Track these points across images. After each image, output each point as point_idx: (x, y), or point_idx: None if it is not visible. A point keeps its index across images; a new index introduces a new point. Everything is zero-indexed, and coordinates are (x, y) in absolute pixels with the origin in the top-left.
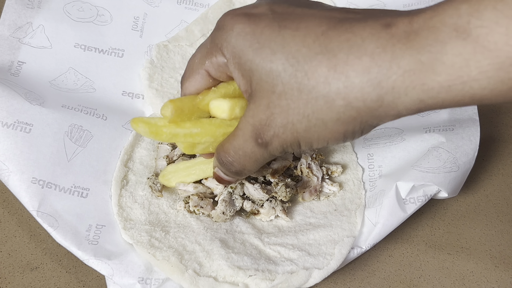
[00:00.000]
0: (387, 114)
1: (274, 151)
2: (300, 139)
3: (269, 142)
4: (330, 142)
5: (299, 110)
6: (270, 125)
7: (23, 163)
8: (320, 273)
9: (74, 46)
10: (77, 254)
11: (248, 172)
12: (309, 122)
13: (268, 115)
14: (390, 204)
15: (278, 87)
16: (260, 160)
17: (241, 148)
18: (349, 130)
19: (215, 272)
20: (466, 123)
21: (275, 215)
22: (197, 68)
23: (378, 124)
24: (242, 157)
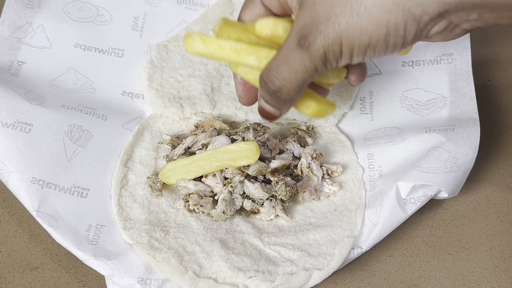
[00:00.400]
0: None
1: (316, 55)
2: (342, 35)
3: (311, 42)
4: (372, 41)
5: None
6: (314, 23)
7: (23, 163)
8: (320, 274)
9: (74, 46)
10: (76, 254)
11: (287, 91)
12: (352, 11)
13: (313, 12)
14: (390, 204)
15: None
16: (300, 70)
17: (283, 58)
18: (392, 21)
19: (215, 273)
20: (466, 123)
21: (275, 214)
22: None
23: (422, 18)
24: (283, 69)
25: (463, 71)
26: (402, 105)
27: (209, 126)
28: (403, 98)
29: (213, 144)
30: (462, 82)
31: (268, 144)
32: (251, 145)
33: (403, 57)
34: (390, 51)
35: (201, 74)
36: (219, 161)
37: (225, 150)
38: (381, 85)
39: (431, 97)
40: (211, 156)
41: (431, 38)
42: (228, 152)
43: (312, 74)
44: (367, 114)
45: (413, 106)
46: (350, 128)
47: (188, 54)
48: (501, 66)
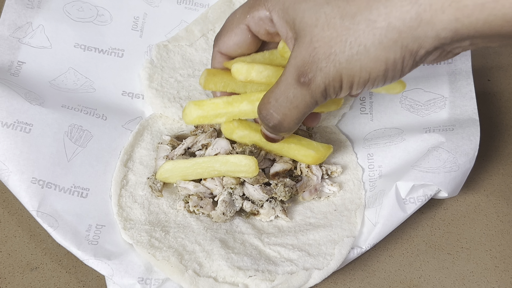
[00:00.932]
0: (426, 35)
1: (317, 91)
2: (342, 71)
3: (312, 79)
4: (372, 76)
5: (342, 37)
6: (313, 61)
7: (23, 163)
8: (320, 274)
9: (74, 46)
10: (77, 254)
11: (288, 125)
12: (351, 50)
13: (311, 50)
14: (390, 204)
15: (321, 19)
16: (301, 106)
17: (282, 94)
18: (391, 57)
19: (215, 272)
20: (466, 123)
21: (275, 216)
22: (237, 23)
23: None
24: (283, 104)
25: (462, 71)
26: (402, 105)
27: (209, 126)
28: (403, 98)
29: (213, 146)
30: (462, 82)
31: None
32: (250, 160)
33: None
34: (388, 82)
35: (200, 74)
36: (217, 171)
37: (223, 160)
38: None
39: (431, 97)
40: (209, 164)
41: (424, 63)
42: (226, 163)
43: (312, 107)
44: (367, 114)
45: (413, 106)
46: (350, 128)
47: (188, 54)
48: (501, 66)
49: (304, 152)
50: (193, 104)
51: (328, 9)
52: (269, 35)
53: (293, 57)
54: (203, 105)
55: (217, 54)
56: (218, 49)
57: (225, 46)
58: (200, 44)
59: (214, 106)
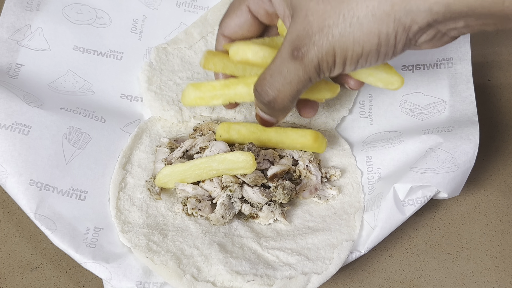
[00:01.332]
0: (419, 9)
1: (310, 65)
2: (335, 45)
3: (305, 53)
4: (365, 51)
5: (336, 10)
6: (307, 34)
7: (21, 165)
8: (318, 278)
9: (73, 48)
10: (74, 257)
11: (282, 101)
12: (345, 22)
13: (305, 24)
14: (388, 207)
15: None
16: (295, 81)
17: (276, 69)
18: (383, 31)
19: (213, 277)
20: (465, 124)
21: (274, 219)
22: (238, 5)
23: (411, 27)
24: (277, 80)
25: (463, 75)
26: (401, 109)
27: (208, 129)
28: (402, 102)
29: (211, 148)
30: (462, 86)
31: (268, 157)
32: (247, 156)
33: (403, 61)
34: (381, 60)
35: (200, 77)
36: (215, 170)
37: (221, 159)
38: (380, 89)
39: (431, 101)
40: (207, 164)
41: (420, 46)
42: (224, 161)
43: (306, 84)
44: (366, 118)
45: (412, 110)
46: (349, 131)
47: (188, 56)
48: (501, 66)
49: (302, 133)
50: (191, 86)
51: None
52: (268, 16)
53: (289, 33)
54: (201, 87)
55: (220, 36)
56: (221, 32)
57: (227, 27)
58: (199, 47)
59: (211, 88)
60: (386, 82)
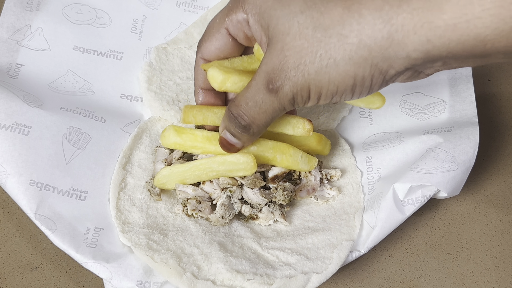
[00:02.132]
0: (397, 56)
1: (284, 99)
2: (310, 82)
3: (280, 87)
4: (340, 90)
5: (312, 49)
6: (282, 69)
7: (21, 165)
8: (318, 278)
9: (73, 48)
10: (75, 257)
11: (257, 127)
12: (321, 62)
13: (281, 58)
14: (388, 207)
15: (293, 28)
16: (269, 111)
17: (252, 98)
18: (359, 74)
19: (213, 275)
20: (465, 124)
21: (274, 220)
22: (217, 28)
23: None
24: (252, 108)
25: (463, 76)
26: (401, 109)
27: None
28: (402, 102)
29: None
30: (462, 86)
31: None
32: (248, 157)
33: None
34: (356, 96)
35: None
36: (215, 171)
37: (221, 160)
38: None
39: (431, 101)
40: (207, 165)
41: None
42: (224, 163)
43: (280, 112)
44: (366, 118)
45: (412, 110)
46: (349, 132)
47: (188, 56)
48: (501, 66)
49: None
50: (173, 129)
51: (302, 18)
52: (247, 39)
53: (264, 63)
54: (183, 134)
55: (200, 60)
56: (201, 55)
57: (207, 51)
58: None
59: (192, 138)
60: (368, 101)
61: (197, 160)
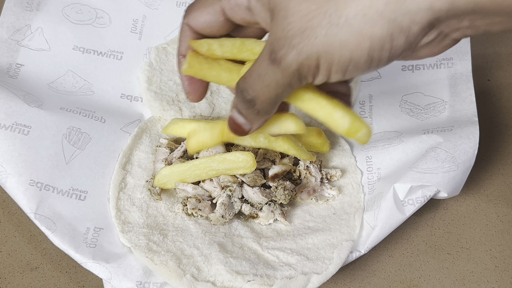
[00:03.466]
0: (418, 7)
1: (288, 70)
2: (319, 48)
3: (283, 57)
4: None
5: (321, 9)
6: (286, 36)
7: (21, 165)
8: (318, 278)
9: (73, 48)
10: (74, 257)
11: (261, 103)
12: (331, 23)
13: (285, 25)
14: (388, 207)
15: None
16: (272, 85)
17: (256, 70)
18: (376, 33)
19: (213, 277)
20: (465, 124)
21: (274, 219)
22: (212, 3)
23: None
24: (255, 81)
25: (463, 76)
26: (401, 109)
27: None
28: (402, 102)
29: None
30: (462, 86)
31: (269, 156)
32: (247, 155)
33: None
34: (375, 67)
35: None
36: (214, 170)
37: (220, 159)
38: (380, 89)
39: (431, 101)
40: (206, 164)
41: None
42: (223, 161)
43: (286, 89)
44: (366, 118)
45: (412, 110)
46: None
47: None
48: (501, 66)
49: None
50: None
51: None
52: (244, 22)
53: (270, 34)
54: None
55: (186, 26)
56: (187, 22)
57: (195, 21)
58: None
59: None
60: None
61: (197, 159)
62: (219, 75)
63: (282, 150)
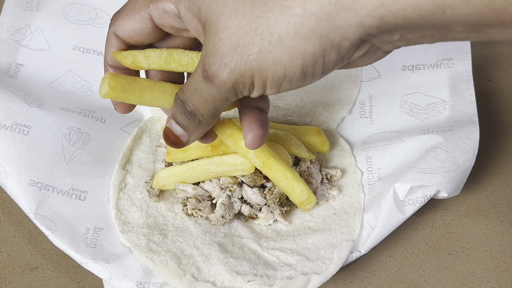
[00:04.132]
0: (348, 23)
1: (223, 88)
2: (252, 66)
3: (215, 74)
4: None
5: (252, 26)
6: (216, 53)
7: (20, 165)
8: (318, 278)
9: (73, 48)
10: (74, 257)
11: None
12: (263, 41)
13: (216, 41)
14: (388, 207)
15: (227, 7)
16: (210, 100)
17: (193, 84)
18: (309, 49)
19: (213, 277)
20: (465, 124)
21: (274, 219)
22: (139, 9)
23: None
24: (193, 95)
25: (463, 76)
26: (402, 109)
27: None
28: (403, 102)
29: None
30: (462, 86)
31: None
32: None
33: (403, 61)
34: (309, 81)
35: None
36: (213, 172)
37: (218, 161)
38: (380, 89)
39: (431, 101)
40: (204, 166)
41: (352, 64)
42: (221, 164)
43: (224, 102)
44: (366, 118)
45: (412, 110)
46: (349, 132)
47: None
48: (501, 66)
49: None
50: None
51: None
52: (174, 29)
53: (203, 48)
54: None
55: (112, 35)
56: (114, 30)
57: (121, 28)
58: None
59: None
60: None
61: (195, 161)
62: (141, 95)
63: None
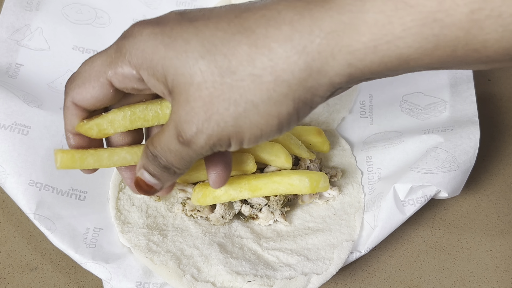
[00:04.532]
0: (319, 84)
1: (200, 150)
2: (229, 131)
3: (192, 140)
4: (265, 132)
5: (225, 96)
6: (191, 121)
7: (20, 165)
8: (319, 279)
9: (73, 48)
10: (74, 257)
11: (177, 169)
12: (238, 108)
13: (188, 110)
14: (388, 207)
15: (196, 77)
16: (186, 158)
17: (166, 144)
18: (283, 111)
19: (213, 277)
20: (465, 124)
21: (274, 220)
22: (96, 76)
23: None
24: (168, 153)
25: (463, 75)
26: (402, 109)
27: None
28: (403, 102)
29: None
30: (463, 86)
31: None
32: (247, 158)
33: None
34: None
35: None
36: None
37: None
38: (381, 89)
39: (431, 101)
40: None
41: None
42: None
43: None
44: (366, 118)
45: (413, 110)
46: (350, 132)
47: None
48: None
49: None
50: None
51: (204, 65)
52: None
53: (173, 111)
54: None
55: (72, 105)
56: (72, 100)
57: (81, 98)
58: None
59: None
60: None
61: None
62: (100, 161)
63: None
